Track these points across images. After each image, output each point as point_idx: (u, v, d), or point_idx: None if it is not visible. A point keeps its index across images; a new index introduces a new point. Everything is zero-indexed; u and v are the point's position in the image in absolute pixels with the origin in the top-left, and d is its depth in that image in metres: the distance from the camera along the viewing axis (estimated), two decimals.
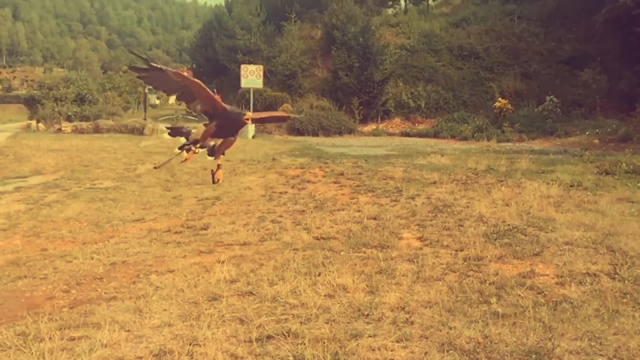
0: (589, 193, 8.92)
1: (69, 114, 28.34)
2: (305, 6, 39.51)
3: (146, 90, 44.16)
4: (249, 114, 2.78)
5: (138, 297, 4.38)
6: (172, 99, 62.35)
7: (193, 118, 30.50)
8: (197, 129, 3.32)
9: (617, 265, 5.09)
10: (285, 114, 3.53)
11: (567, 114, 24.84)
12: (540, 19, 31.70)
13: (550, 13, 31.54)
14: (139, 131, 24.75)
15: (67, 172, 11.60)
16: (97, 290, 4.62)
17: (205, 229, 6.77)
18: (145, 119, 28.64)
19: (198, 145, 3.12)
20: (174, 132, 3.16)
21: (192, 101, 2.96)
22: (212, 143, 3.24)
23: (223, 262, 5.23)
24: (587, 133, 20.87)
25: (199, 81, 3.01)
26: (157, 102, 67.50)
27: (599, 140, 19.42)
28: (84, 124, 25.92)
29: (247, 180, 10.60)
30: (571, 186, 9.55)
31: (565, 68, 28.40)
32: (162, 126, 3.73)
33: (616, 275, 4.84)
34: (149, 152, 15.75)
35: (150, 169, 12.00)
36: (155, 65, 2.96)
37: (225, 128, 3.02)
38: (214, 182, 2.81)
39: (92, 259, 5.46)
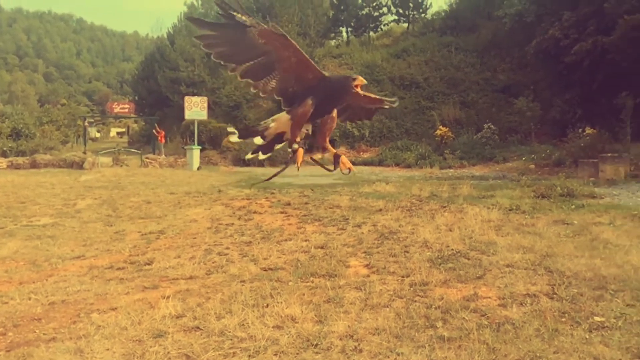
0: (527, 216, 9.25)
1: (4, 149, 27.39)
2: None
3: (86, 123, 43.20)
4: (361, 78, 2.11)
5: (79, 337, 4.23)
6: (114, 131, 60.20)
7: (136, 151, 29.95)
8: (276, 121, 2.84)
9: (555, 285, 5.29)
10: (379, 98, 3.02)
11: (504, 140, 25.84)
12: (476, 50, 33.03)
13: (485, 44, 32.93)
14: (78, 165, 24.08)
15: (2, 209, 11.13)
16: (35, 332, 4.43)
17: (149, 264, 6.62)
18: (85, 153, 27.93)
19: (298, 139, 2.35)
20: (244, 133, 2.48)
21: (265, 76, 2.14)
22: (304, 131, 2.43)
23: (168, 297, 5.11)
24: (523, 158, 21.72)
25: (292, 41, 2.08)
26: (98, 135, 65.90)
27: (534, 165, 20.23)
28: (20, 159, 25.03)
29: (193, 213, 10.46)
30: (510, 210, 9.87)
31: (501, 96, 29.60)
32: (231, 128, 3.43)
33: (554, 295, 5.01)
34: (89, 187, 15.33)
35: (90, 204, 11.67)
36: (240, 18, 2.00)
37: (325, 103, 2.24)
38: (347, 173, 2.35)
39: (29, 299, 5.24)
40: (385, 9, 43.47)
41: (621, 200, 11.49)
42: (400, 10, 43.13)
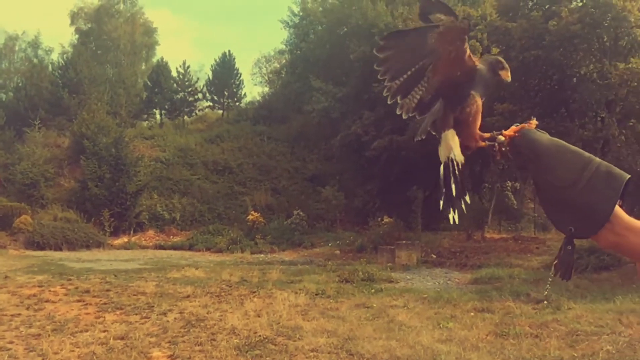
0: (331, 300, 9.64)
1: None
2: (51, 113, 37.25)
3: None
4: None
5: None
6: None
7: None
8: (447, 147, 1.56)
9: None
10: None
11: (312, 226, 27.04)
12: (287, 140, 34.82)
13: (295, 135, 34.92)
14: None
15: None
16: None
17: None
18: None
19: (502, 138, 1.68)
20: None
21: (414, 87, 1.59)
22: None
23: None
24: (329, 245, 22.85)
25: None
26: None
27: (339, 251, 21.37)
28: None
29: None
30: (316, 294, 10.22)
31: (309, 185, 31.26)
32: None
33: None
34: None
35: None
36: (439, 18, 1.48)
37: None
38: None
39: None
40: (200, 95, 44.35)
41: (414, 284, 12.57)
42: (215, 97, 44.29)
